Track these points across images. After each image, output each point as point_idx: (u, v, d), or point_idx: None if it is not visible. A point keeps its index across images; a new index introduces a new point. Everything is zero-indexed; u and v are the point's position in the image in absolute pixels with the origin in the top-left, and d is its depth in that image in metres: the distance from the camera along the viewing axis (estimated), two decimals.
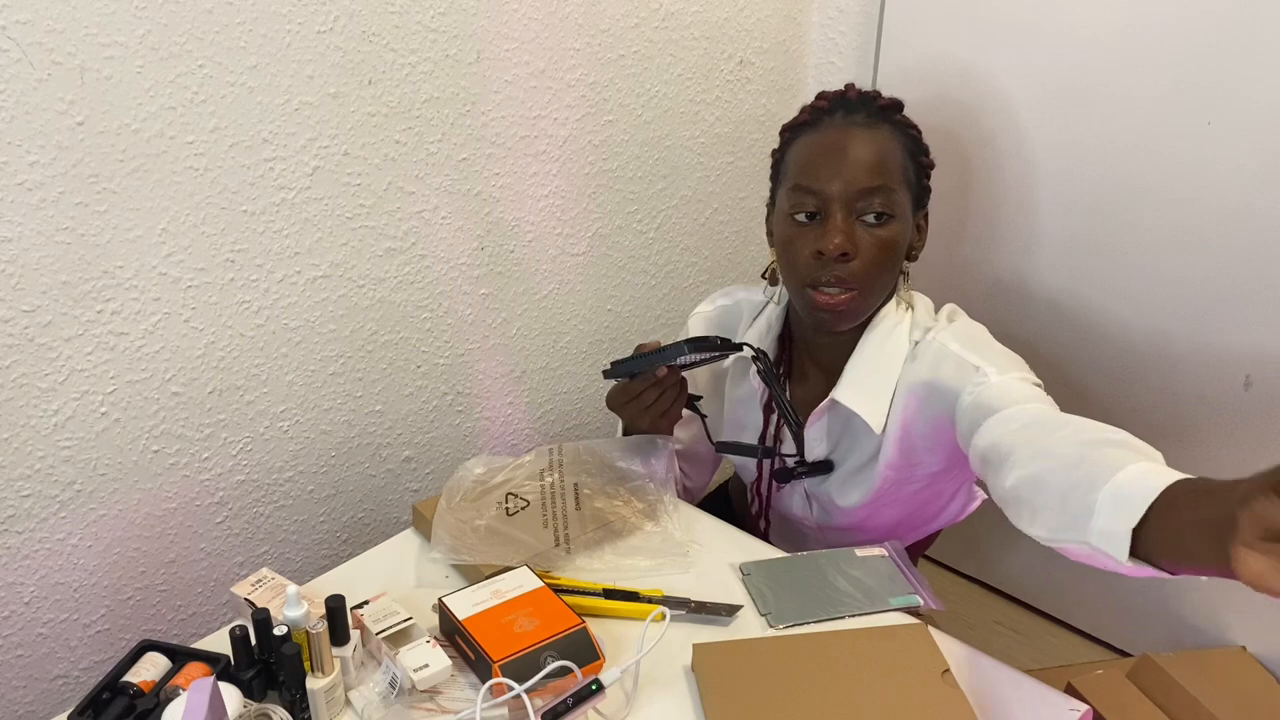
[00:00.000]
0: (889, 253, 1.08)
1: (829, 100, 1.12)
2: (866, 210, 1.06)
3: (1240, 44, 1.30)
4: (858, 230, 1.07)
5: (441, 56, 1.24)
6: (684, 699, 0.99)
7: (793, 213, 1.09)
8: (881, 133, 1.08)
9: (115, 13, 0.98)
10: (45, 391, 1.06)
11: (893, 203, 1.07)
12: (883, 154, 1.07)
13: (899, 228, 1.08)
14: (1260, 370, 1.42)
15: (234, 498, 1.26)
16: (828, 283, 1.07)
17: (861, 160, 1.06)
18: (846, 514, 1.26)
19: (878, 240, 1.07)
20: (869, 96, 1.11)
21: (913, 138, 1.12)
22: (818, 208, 1.07)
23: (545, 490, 1.23)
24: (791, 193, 1.09)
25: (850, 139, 1.07)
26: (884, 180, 1.06)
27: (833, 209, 1.06)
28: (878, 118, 1.09)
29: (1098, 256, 1.50)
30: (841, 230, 1.05)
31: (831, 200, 1.06)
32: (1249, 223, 1.36)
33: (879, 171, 1.06)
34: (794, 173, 1.10)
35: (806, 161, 1.09)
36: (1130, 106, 1.41)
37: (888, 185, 1.06)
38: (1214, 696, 1.38)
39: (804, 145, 1.11)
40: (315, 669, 0.94)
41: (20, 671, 1.15)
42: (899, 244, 1.09)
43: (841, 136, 1.07)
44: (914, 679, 0.98)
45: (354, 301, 1.28)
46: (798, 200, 1.08)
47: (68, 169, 1.00)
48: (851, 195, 1.06)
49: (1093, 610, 1.75)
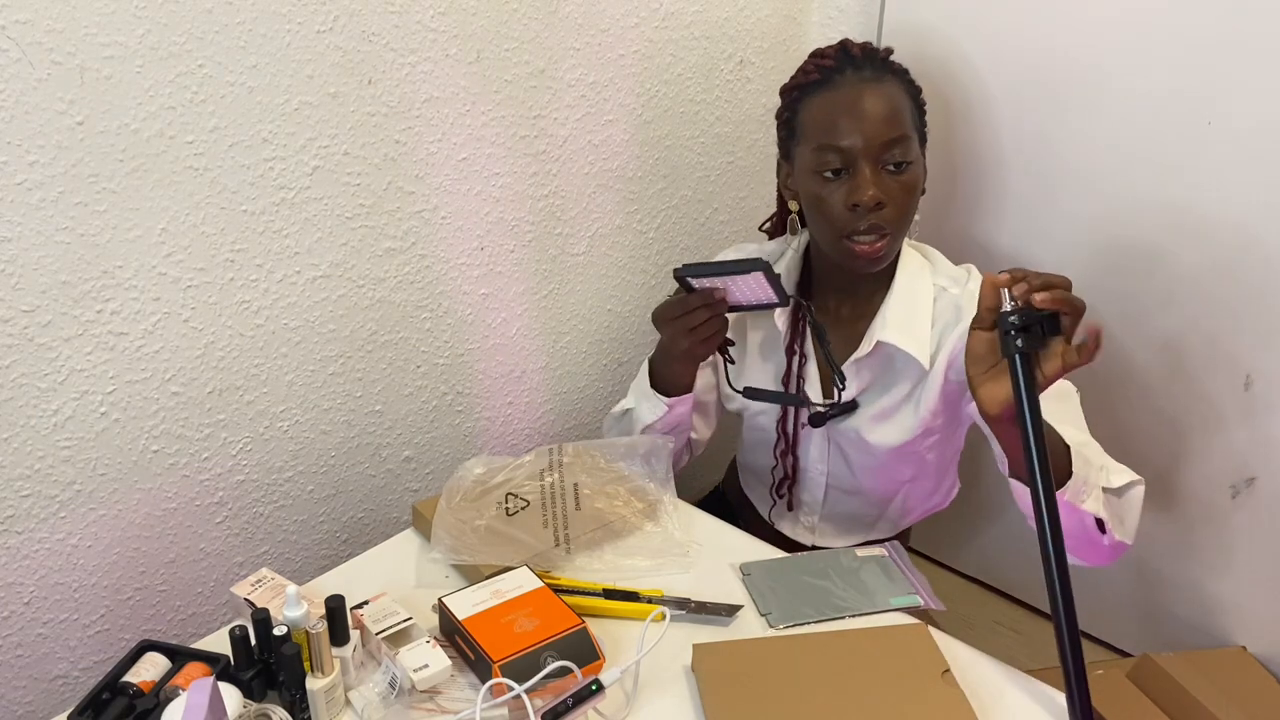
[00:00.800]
0: (913, 195, 1.17)
1: (833, 58, 1.18)
2: (889, 160, 1.14)
3: (1240, 44, 1.29)
4: (884, 179, 1.14)
5: (441, 56, 1.24)
6: (684, 699, 0.99)
7: (819, 170, 1.16)
8: (889, 84, 1.17)
9: (115, 13, 0.98)
10: (45, 391, 1.06)
11: (909, 149, 1.16)
12: (895, 105, 1.15)
13: (917, 170, 1.18)
14: (1260, 370, 1.42)
15: (234, 498, 1.26)
16: (864, 231, 1.15)
17: (879, 114, 1.14)
18: (870, 459, 1.29)
19: (902, 185, 1.15)
20: (870, 50, 1.19)
21: (911, 83, 1.21)
22: (844, 163, 1.15)
23: (545, 490, 1.23)
24: (816, 152, 1.17)
25: (865, 94, 1.15)
26: (901, 130, 1.15)
27: (860, 163, 1.14)
28: (883, 70, 1.18)
29: (1097, 256, 1.50)
30: (872, 182, 1.13)
31: (858, 155, 1.14)
32: (1249, 223, 1.36)
33: (896, 122, 1.15)
34: (816, 132, 1.17)
35: (827, 120, 1.16)
36: (1130, 106, 1.41)
37: (905, 134, 1.15)
38: (1214, 696, 1.38)
39: (820, 104, 1.17)
40: (315, 669, 0.94)
41: (20, 671, 1.15)
42: (919, 184, 1.18)
43: (856, 93, 1.15)
44: (914, 679, 0.98)
45: (354, 301, 1.28)
46: (823, 158, 1.16)
47: (67, 169, 1.00)
48: (875, 148, 1.13)
49: (1093, 610, 1.74)
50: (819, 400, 1.29)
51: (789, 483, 1.37)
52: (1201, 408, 1.49)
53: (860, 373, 1.25)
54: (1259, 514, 1.49)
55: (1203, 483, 1.53)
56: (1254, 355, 1.41)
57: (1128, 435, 1.56)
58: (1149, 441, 1.55)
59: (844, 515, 1.37)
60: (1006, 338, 0.91)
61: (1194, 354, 1.46)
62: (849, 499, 1.35)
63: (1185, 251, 1.42)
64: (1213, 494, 1.53)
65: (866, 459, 1.29)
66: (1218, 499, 1.52)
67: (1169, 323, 1.47)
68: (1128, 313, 1.50)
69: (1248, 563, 1.53)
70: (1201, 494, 1.54)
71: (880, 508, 1.36)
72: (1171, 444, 1.54)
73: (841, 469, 1.32)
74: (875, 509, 1.37)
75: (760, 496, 1.46)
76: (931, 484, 1.36)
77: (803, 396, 1.30)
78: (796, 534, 1.42)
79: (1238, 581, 1.56)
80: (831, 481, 1.34)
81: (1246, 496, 1.49)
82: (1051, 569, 0.89)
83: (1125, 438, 1.56)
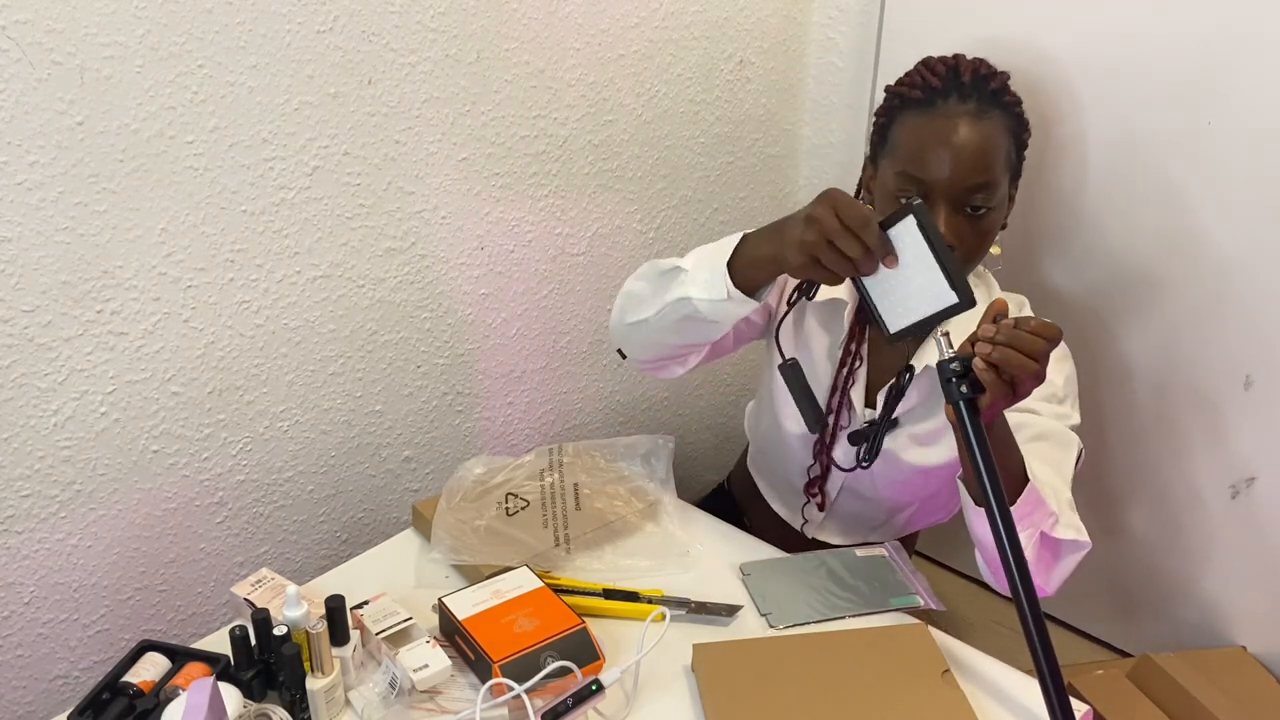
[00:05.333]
0: (986, 240, 1.13)
1: (941, 79, 1.12)
2: (969, 203, 1.10)
3: (1240, 44, 1.29)
4: (960, 221, 1.10)
5: (441, 56, 1.24)
6: (684, 699, 0.99)
7: (898, 195, 1.11)
8: (991, 121, 1.11)
9: (115, 13, 0.98)
10: (45, 391, 1.06)
11: (993, 194, 1.10)
12: (991, 147, 1.10)
13: (997, 216, 1.13)
14: (1260, 370, 1.42)
15: (234, 498, 1.26)
16: None
17: (970, 155, 1.08)
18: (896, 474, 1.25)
19: (977, 230, 1.11)
20: (981, 79, 1.12)
21: (1017, 116, 1.16)
22: (922, 196, 1.09)
23: (545, 490, 1.23)
24: (899, 176, 1.11)
25: (961, 131, 1.09)
26: (989, 176, 1.09)
27: (938, 202, 1.09)
28: (990, 104, 1.11)
29: (1097, 256, 1.50)
30: (946, 224, 1.09)
31: (938, 193, 1.09)
32: (1249, 222, 1.36)
33: (986, 167, 1.09)
34: (903, 156, 1.12)
35: (916, 148, 1.10)
36: (1130, 106, 1.41)
37: (992, 180, 1.10)
38: (1214, 696, 1.37)
39: (914, 127, 1.12)
40: (315, 669, 0.94)
41: (20, 671, 1.15)
42: (995, 231, 1.14)
43: (952, 127, 1.09)
44: (914, 679, 0.98)
45: (354, 301, 1.28)
46: (903, 185, 1.11)
47: (67, 169, 1.00)
48: (957, 191, 1.09)
49: (1093, 610, 1.74)
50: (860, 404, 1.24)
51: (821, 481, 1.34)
52: (1201, 408, 1.49)
53: (908, 393, 1.21)
54: (1259, 514, 1.49)
55: (1203, 483, 1.53)
56: (1254, 355, 1.41)
57: (1128, 435, 1.56)
58: (1149, 441, 1.55)
59: (850, 515, 1.37)
60: (948, 385, 0.89)
61: (1194, 354, 1.46)
62: (860, 502, 1.34)
63: (1185, 251, 1.42)
64: (1213, 494, 1.53)
65: (893, 473, 1.26)
66: (1218, 499, 1.52)
67: (1169, 323, 1.47)
68: (1128, 312, 1.50)
69: (1248, 563, 1.53)
70: (1201, 494, 1.54)
71: (889, 515, 1.35)
72: (1171, 444, 1.53)
73: (863, 476, 1.30)
74: (883, 515, 1.36)
75: (775, 489, 1.44)
76: (945, 500, 1.34)
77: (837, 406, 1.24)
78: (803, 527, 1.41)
79: (1238, 581, 1.56)
80: (849, 484, 1.32)
81: (1246, 496, 1.49)
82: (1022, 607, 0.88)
83: (1125, 437, 1.56)
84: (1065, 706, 0.86)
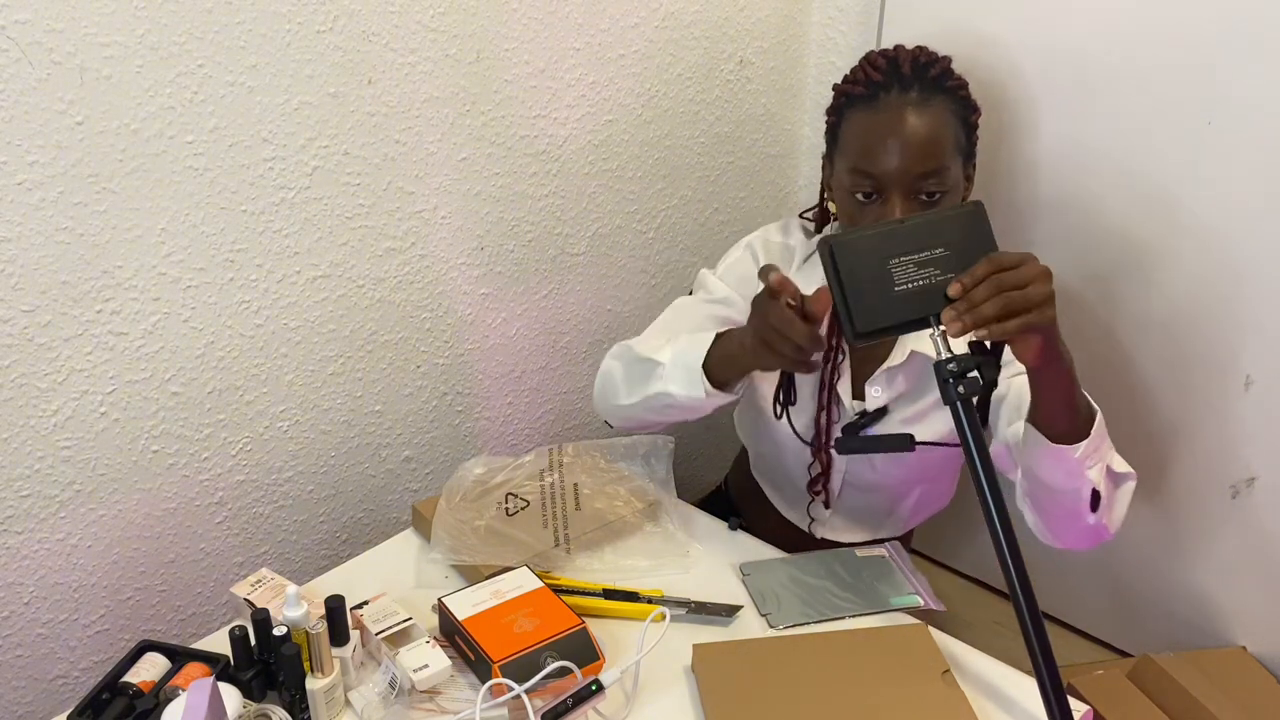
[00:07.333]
0: None
1: (882, 72, 1.14)
2: (922, 190, 1.11)
3: (1240, 44, 1.29)
4: (915, 208, 1.11)
5: (441, 56, 1.24)
6: (684, 699, 0.99)
7: (852, 191, 1.13)
8: (935, 107, 1.12)
9: (115, 13, 0.98)
10: (45, 391, 1.06)
11: (946, 178, 1.12)
12: (936, 134, 1.11)
13: (953, 198, 1.13)
14: (1260, 370, 1.42)
15: (234, 498, 1.26)
16: None
17: (917, 143, 1.10)
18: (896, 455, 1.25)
19: None
20: (921, 67, 1.14)
21: (962, 99, 1.16)
22: (876, 189, 1.12)
23: (545, 490, 1.23)
24: (851, 173, 1.14)
25: (906, 121, 1.10)
26: (939, 161, 1.11)
27: (891, 192, 1.11)
28: (932, 90, 1.12)
29: (1097, 256, 1.50)
30: (902, 212, 1.10)
31: (890, 184, 1.10)
32: (1249, 222, 1.36)
33: (934, 153, 1.10)
34: (853, 152, 1.14)
35: (864, 144, 1.12)
36: (1130, 106, 1.41)
37: (942, 165, 1.11)
38: (1214, 696, 1.37)
39: (860, 123, 1.14)
40: (315, 669, 0.94)
41: (20, 672, 1.15)
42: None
43: (897, 119, 1.10)
44: (914, 679, 0.98)
45: (354, 301, 1.28)
46: (856, 181, 1.13)
47: (67, 169, 1.00)
48: (908, 180, 1.10)
49: (1093, 610, 1.74)
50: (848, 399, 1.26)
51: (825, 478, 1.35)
52: (1201, 408, 1.49)
53: (893, 381, 1.23)
54: (1259, 514, 1.49)
55: (1203, 483, 1.53)
56: (1254, 355, 1.41)
57: (1128, 435, 1.56)
58: (1149, 441, 1.55)
59: (856, 510, 1.37)
60: (946, 386, 0.88)
61: (1194, 354, 1.46)
62: (864, 495, 1.34)
63: (1185, 251, 1.42)
64: (1213, 494, 1.53)
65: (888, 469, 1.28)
66: (1218, 499, 1.52)
67: (1169, 323, 1.47)
68: (1128, 312, 1.50)
69: (1248, 563, 1.53)
70: (1202, 494, 1.54)
71: (893, 504, 1.36)
72: (1171, 444, 1.53)
73: (863, 466, 1.31)
74: (888, 504, 1.36)
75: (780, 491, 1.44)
76: (946, 484, 1.36)
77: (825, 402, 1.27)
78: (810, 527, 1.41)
79: (1238, 581, 1.56)
80: (850, 479, 1.33)
81: (1246, 496, 1.49)
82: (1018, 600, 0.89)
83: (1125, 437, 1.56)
84: (1065, 707, 0.86)
